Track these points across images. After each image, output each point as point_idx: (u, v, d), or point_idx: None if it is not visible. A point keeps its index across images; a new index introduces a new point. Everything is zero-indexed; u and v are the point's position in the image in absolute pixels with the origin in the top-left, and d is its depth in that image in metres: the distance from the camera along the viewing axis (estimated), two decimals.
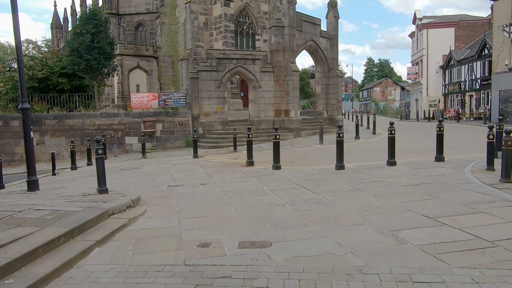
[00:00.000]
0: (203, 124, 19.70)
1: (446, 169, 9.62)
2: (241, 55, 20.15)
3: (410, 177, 8.77)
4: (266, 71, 20.54)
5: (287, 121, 20.95)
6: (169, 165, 13.54)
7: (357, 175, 9.27)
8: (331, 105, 24.34)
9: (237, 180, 9.40)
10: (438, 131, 10.78)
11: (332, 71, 24.01)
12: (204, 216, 6.27)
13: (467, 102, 37.63)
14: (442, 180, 8.29)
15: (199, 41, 35.12)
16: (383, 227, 5.37)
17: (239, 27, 36.13)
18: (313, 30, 22.64)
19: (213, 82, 19.55)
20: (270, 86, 20.71)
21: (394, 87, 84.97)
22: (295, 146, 17.55)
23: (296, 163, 12.16)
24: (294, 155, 14.10)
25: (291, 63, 20.74)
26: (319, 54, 23.40)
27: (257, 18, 37.07)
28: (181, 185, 9.08)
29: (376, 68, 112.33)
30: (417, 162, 10.86)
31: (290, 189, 8.01)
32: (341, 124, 10.14)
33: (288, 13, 20.52)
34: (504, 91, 28.52)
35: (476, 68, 35.11)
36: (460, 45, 41.83)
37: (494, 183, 7.84)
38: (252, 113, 20.76)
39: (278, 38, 20.67)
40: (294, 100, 20.90)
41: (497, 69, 29.10)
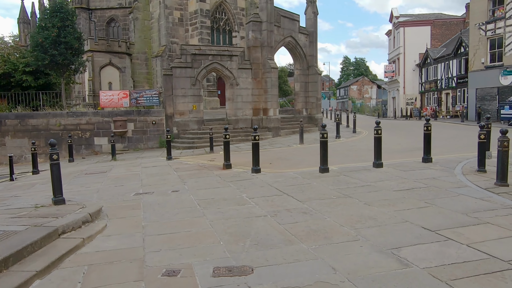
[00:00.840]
0: (178, 123, 18.71)
1: (435, 171, 9.07)
2: (217, 51, 19.25)
3: (400, 180, 8.15)
4: (243, 68, 19.71)
5: (265, 120, 20.20)
6: (139, 168, 12.54)
7: (343, 178, 8.59)
8: (310, 103, 23.74)
9: (213, 186, 8.55)
10: (426, 130, 10.23)
11: (311, 69, 23.41)
12: (174, 232, 5.40)
13: (443, 100, 37.86)
14: (434, 184, 7.69)
15: (174, 37, 33.97)
16: (381, 243, 4.66)
17: (215, 24, 35.14)
18: (291, 26, 21.96)
19: (188, 79, 18.58)
20: (248, 84, 19.90)
21: (370, 85, 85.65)
22: (275, 146, 16.81)
23: (276, 165, 11.41)
24: (274, 156, 13.35)
25: (270, 59, 19.98)
26: (298, 50, 22.74)
27: (234, 14, 36.17)
28: (151, 193, 8.16)
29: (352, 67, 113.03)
30: (404, 164, 10.29)
31: (271, 197, 7.24)
32: (324, 124, 9.46)
33: (266, 7, 19.74)
34: (481, 89, 28.66)
35: (453, 66, 35.31)
36: (436, 44, 42.12)
37: (490, 187, 7.30)
38: (229, 112, 19.90)
39: (256, 34, 19.87)
40: (272, 98, 20.17)
41: (473, 67, 29.22)
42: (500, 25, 26.73)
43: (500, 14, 26.90)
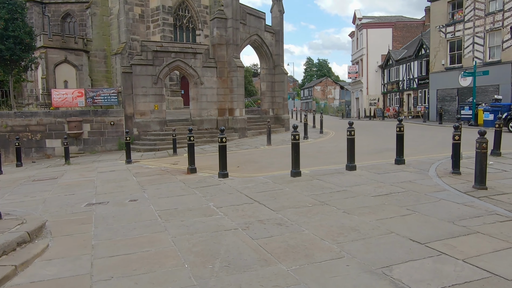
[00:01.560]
0: (139, 124, 17.64)
1: (410, 174, 8.74)
2: (180, 48, 18.33)
3: (376, 184, 7.71)
4: (208, 66, 18.92)
5: (231, 121, 19.50)
6: (95, 173, 11.49)
7: (316, 183, 8.05)
8: (277, 103, 23.28)
9: (176, 194, 7.76)
10: (398, 131, 9.92)
11: (277, 68, 22.95)
12: (130, 252, 4.61)
13: (405, 100, 38.66)
14: (412, 188, 7.31)
15: (135, 34, 32.50)
16: (369, 261, 4.10)
17: (178, 21, 34.02)
18: (257, 24, 21.39)
19: (149, 78, 17.55)
20: (213, 83, 19.13)
21: (334, 86, 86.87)
22: (242, 147, 16.15)
23: (245, 168, 10.75)
24: (241, 159, 12.69)
25: (235, 58, 19.30)
26: (264, 49, 22.21)
27: (198, 12, 35.18)
28: (105, 203, 7.26)
29: (315, 68, 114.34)
30: (377, 166, 9.93)
31: (241, 205, 6.56)
32: (296, 125, 8.91)
33: (231, 4, 19.05)
34: (441, 90, 29.35)
35: (414, 68, 36.08)
36: (397, 45, 43.01)
37: (469, 191, 6.99)
38: (194, 112, 19.04)
39: (220, 31, 19.13)
40: (239, 98, 19.50)
41: (434, 68, 29.88)
42: (460, 28, 27.45)
43: (459, 17, 27.62)
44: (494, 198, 6.50)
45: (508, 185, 7.37)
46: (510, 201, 6.27)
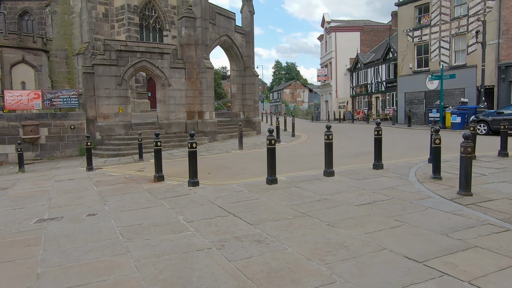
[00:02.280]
0: (102, 128, 16.57)
1: (390, 179, 8.36)
2: (146, 48, 17.43)
3: (358, 192, 7.26)
4: (176, 67, 18.10)
5: (201, 124, 18.75)
6: (51, 182, 10.47)
7: (295, 191, 7.51)
8: (247, 106, 22.73)
9: (142, 206, 7.00)
10: (376, 135, 9.57)
11: (248, 70, 22.41)
12: (83, 284, 3.86)
13: (373, 103, 39.12)
14: (395, 195, 6.90)
15: (98, 34, 31.10)
16: (364, 286, 3.56)
17: (144, 21, 32.90)
18: (227, 24, 20.77)
19: (113, 79, 16.54)
20: (181, 85, 18.32)
21: (302, 89, 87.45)
22: (212, 152, 15.45)
23: (216, 175, 10.09)
24: (212, 164, 12.00)
25: (205, 58, 18.59)
26: (234, 50, 21.62)
27: (165, 12, 34.18)
28: (58, 218, 6.40)
29: (283, 71, 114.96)
30: (355, 171, 9.53)
31: (215, 219, 5.91)
32: (272, 129, 8.35)
33: (200, 2, 18.34)
34: (409, 93, 29.77)
35: (382, 71, 36.55)
36: (365, 49, 43.58)
37: (455, 198, 6.65)
38: (161, 115, 18.14)
39: (189, 31, 18.37)
40: (208, 101, 18.78)
41: (402, 72, 30.30)
42: (426, 32, 27.93)
43: (426, 21, 28.12)
44: (481, 205, 6.17)
45: (491, 191, 7.11)
46: (499, 209, 5.96)
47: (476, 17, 24.35)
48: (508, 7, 22.74)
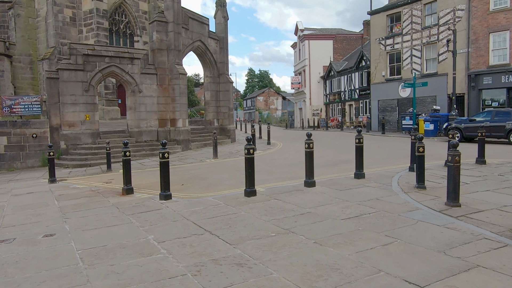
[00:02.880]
0: (67, 136, 15.59)
1: (374, 190, 8.01)
2: (115, 53, 16.62)
3: (342, 204, 6.84)
4: (147, 73, 17.36)
5: (174, 132, 18.03)
6: (8, 196, 9.54)
7: (275, 204, 7.01)
8: (222, 113, 22.17)
9: (107, 223, 6.31)
10: (357, 143, 9.23)
11: (222, 76, 21.89)
12: None
13: (347, 111, 39.36)
14: (382, 207, 6.52)
15: (65, 38, 29.80)
16: None
17: (114, 26, 31.88)
18: (201, 29, 20.22)
19: (79, 84, 15.64)
20: (153, 91, 17.59)
21: (276, 96, 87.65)
22: (186, 161, 14.78)
23: (191, 187, 9.47)
24: (186, 175, 11.35)
25: (177, 64, 17.94)
26: (208, 56, 21.07)
27: (136, 17, 33.25)
28: (10, 240, 5.63)
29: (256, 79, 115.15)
30: (336, 181, 9.14)
31: (189, 238, 5.32)
32: (250, 137, 7.85)
33: (172, 6, 17.72)
34: (382, 100, 30.04)
35: (355, 79, 36.86)
36: (338, 57, 43.98)
37: (444, 209, 6.34)
38: (131, 123, 17.32)
39: (161, 35, 17.70)
40: (181, 108, 18.11)
41: (375, 80, 30.57)
42: (398, 40, 28.31)
43: (398, 30, 28.52)
44: (472, 217, 5.87)
45: (479, 200, 6.85)
46: (491, 221, 5.66)
47: (446, 27, 24.84)
48: (476, 17, 23.29)
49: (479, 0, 23.12)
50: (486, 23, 22.87)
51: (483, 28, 23.03)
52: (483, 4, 22.99)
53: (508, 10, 21.91)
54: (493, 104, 23.16)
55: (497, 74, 22.47)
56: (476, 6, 23.30)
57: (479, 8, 23.15)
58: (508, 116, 17.66)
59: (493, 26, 22.62)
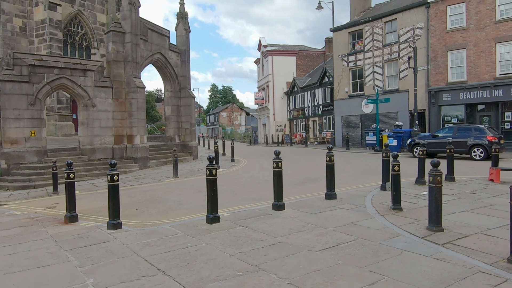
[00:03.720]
0: (8, 155, 14.04)
1: (348, 212, 7.38)
2: (66, 64, 15.33)
3: (316, 231, 6.12)
4: (102, 86, 16.17)
5: (131, 149, 16.83)
6: None
7: (242, 232, 6.19)
8: (183, 129, 21.15)
9: (38, 263, 5.21)
10: (328, 161, 8.62)
11: (184, 91, 20.97)
12: None
13: (311, 127, 39.33)
14: (360, 234, 5.86)
15: (14, 49, 27.81)
16: None
17: (69, 37, 30.27)
18: (161, 41, 19.30)
19: (24, 98, 14.22)
20: (108, 105, 16.38)
21: (239, 112, 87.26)
22: (143, 181, 13.65)
23: (146, 211, 8.45)
24: (142, 197, 10.28)
25: (135, 77, 16.87)
26: (169, 70, 20.12)
27: (93, 29, 31.78)
28: None
29: (220, 94, 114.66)
30: (306, 202, 8.46)
31: (138, 281, 4.37)
32: (212, 156, 7.02)
33: (130, 16, 16.74)
34: (346, 116, 30.11)
35: (318, 95, 36.98)
36: (301, 73, 44.19)
37: (426, 235, 5.78)
38: (84, 140, 15.97)
39: (117, 46, 16.61)
40: (139, 123, 16.98)
41: (338, 95, 30.68)
42: (360, 57, 28.63)
43: (360, 47, 28.86)
44: (459, 244, 5.32)
45: (460, 223, 6.37)
46: (480, 248, 5.13)
47: (406, 44, 25.33)
48: (435, 35, 23.89)
49: (437, 19, 23.77)
50: (444, 42, 23.48)
51: (441, 46, 23.62)
52: (441, 23, 23.63)
53: (464, 30, 22.60)
54: (453, 120, 23.65)
55: (456, 91, 23.00)
56: (434, 25, 23.92)
57: (437, 27, 23.78)
58: (469, 132, 17.88)
59: (450, 44, 23.25)
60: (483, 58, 21.89)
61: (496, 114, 21.88)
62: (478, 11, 22.01)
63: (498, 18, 21.34)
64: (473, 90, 22.28)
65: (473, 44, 22.26)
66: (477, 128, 17.94)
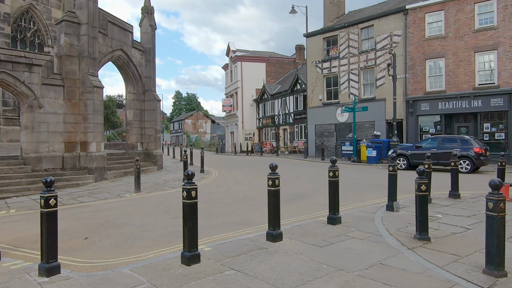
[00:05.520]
0: None
1: (364, 244, 5.76)
2: (7, 56, 12.92)
3: (339, 278, 4.42)
4: (51, 84, 13.85)
5: (85, 158, 14.52)
6: None
7: (234, 280, 4.37)
8: (147, 136, 18.98)
9: None
10: (332, 177, 6.99)
11: (148, 93, 18.86)
12: None
13: (281, 135, 37.96)
14: (401, 284, 4.21)
15: None
16: None
17: (20, 33, 27.32)
18: (123, 37, 17.16)
19: None
20: (58, 107, 14.05)
21: (205, 120, 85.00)
22: (98, 196, 11.45)
23: (98, 242, 6.42)
24: (95, 220, 8.19)
25: (91, 75, 14.65)
26: (131, 69, 17.98)
27: (47, 25, 28.89)
28: None
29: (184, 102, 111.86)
30: (306, 228, 6.76)
31: None
32: (191, 172, 5.16)
33: (87, 5, 14.56)
34: (320, 125, 28.90)
35: (289, 103, 35.71)
36: (271, 80, 42.90)
37: (492, 284, 4.21)
38: (27, 146, 13.53)
39: (71, 39, 14.37)
40: (96, 128, 14.73)
41: (312, 103, 29.46)
42: (335, 64, 27.59)
43: (335, 54, 27.84)
44: None
45: None
46: None
47: (383, 51, 24.51)
48: (413, 43, 23.19)
49: (415, 27, 23.09)
50: (423, 50, 22.81)
51: (419, 54, 22.93)
52: (419, 31, 22.97)
53: (443, 38, 22.01)
54: (431, 130, 22.93)
55: (434, 101, 22.30)
56: (412, 32, 23.23)
57: (415, 34, 23.10)
58: (454, 143, 16.96)
59: (429, 53, 22.59)
60: (462, 68, 21.32)
61: (474, 124, 21.31)
62: (457, 19, 21.48)
63: (477, 27, 20.86)
64: (452, 100, 21.64)
65: (451, 53, 21.67)
66: (462, 139, 17.06)
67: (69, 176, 13.81)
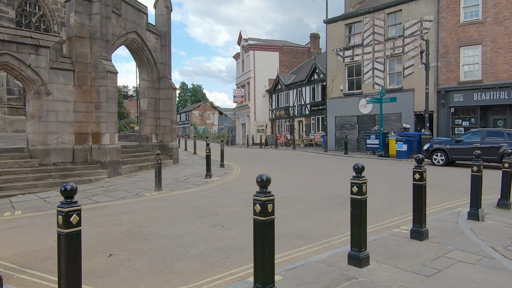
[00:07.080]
0: None
1: (478, 270, 4.35)
2: (11, 36, 11.49)
3: None
4: (60, 68, 12.42)
5: (97, 151, 13.14)
6: None
7: None
8: (162, 127, 17.58)
9: None
10: (417, 180, 5.54)
11: (163, 81, 17.42)
12: None
13: (296, 127, 36.45)
14: None
15: None
16: None
17: (24, 18, 25.92)
18: (137, 18, 15.68)
19: None
20: (68, 94, 12.64)
21: (212, 111, 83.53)
22: (115, 195, 10.07)
23: (126, 262, 5.02)
24: (116, 228, 6.78)
25: (105, 59, 13.21)
26: (146, 54, 16.52)
27: (53, 10, 27.44)
28: None
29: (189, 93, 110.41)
30: (387, 245, 5.34)
31: None
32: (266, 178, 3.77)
33: None
34: (340, 117, 27.33)
35: (306, 93, 34.15)
36: (284, 70, 41.27)
37: None
38: (34, 137, 12.15)
39: (82, 18, 12.91)
40: (109, 118, 13.32)
41: (332, 94, 27.88)
42: (358, 52, 25.96)
43: (358, 41, 26.19)
44: None
45: None
46: None
47: (412, 38, 22.86)
48: (446, 29, 21.52)
49: (449, 11, 21.40)
50: (457, 36, 21.14)
51: (453, 41, 21.26)
52: (453, 16, 21.28)
53: (480, 23, 20.33)
54: (464, 123, 21.34)
55: (469, 91, 20.69)
56: (445, 17, 21.54)
57: (449, 19, 21.41)
58: (500, 137, 15.43)
59: (464, 39, 20.92)
60: (501, 55, 19.66)
61: None
62: (496, 2, 19.76)
63: None
64: (489, 91, 20.01)
65: (490, 39, 19.99)
66: (510, 133, 15.49)
67: (80, 171, 12.45)
